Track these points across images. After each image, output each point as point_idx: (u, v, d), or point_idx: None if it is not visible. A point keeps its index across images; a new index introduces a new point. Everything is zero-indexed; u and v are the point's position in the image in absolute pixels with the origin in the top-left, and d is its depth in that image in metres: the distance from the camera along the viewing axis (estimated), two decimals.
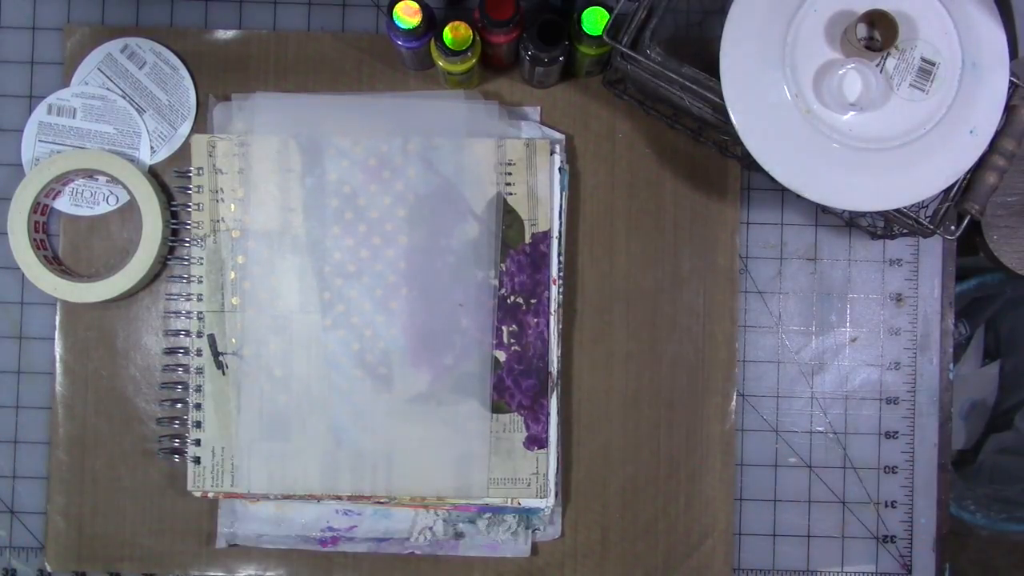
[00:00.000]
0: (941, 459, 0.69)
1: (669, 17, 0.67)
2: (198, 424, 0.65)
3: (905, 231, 0.63)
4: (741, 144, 0.53)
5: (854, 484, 0.68)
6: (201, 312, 0.65)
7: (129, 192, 0.65)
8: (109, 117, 0.67)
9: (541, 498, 0.65)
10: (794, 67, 0.52)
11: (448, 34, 0.59)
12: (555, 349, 0.65)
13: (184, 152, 0.67)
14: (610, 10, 0.59)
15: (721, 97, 0.53)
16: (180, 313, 0.67)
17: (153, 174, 0.67)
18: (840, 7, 0.52)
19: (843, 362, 0.69)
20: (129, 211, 0.67)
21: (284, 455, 0.65)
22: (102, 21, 0.68)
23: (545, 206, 0.66)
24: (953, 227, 0.57)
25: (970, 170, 0.55)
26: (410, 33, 0.59)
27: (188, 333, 0.66)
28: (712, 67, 0.54)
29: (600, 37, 0.58)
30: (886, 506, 0.68)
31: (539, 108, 0.67)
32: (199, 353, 0.65)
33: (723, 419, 0.67)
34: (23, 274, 0.64)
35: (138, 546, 0.66)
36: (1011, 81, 0.53)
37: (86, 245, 0.67)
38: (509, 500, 0.65)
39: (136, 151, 0.67)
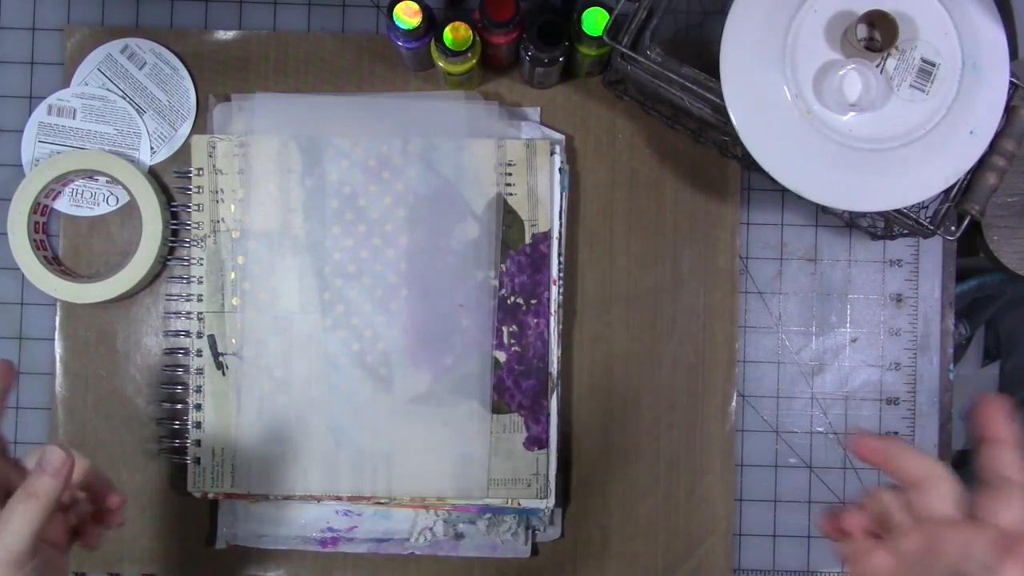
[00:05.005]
0: (941, 460, 0.69)
1: (669, 17, 0.67)
2: (198, 424, 0.65)
3: (905, 231, 0.63)
4: (741, 144, 0.53)
5: (854, 484, 0.68)
6: (201, 313, 0.65)
7: (129, 192, 0.65)
8: (109, 118, 0.67)
9: (541, 498, 0.65)
10: (794, 67, 0.52)
11: (448, 35, 0.59)
12: (555, 349, 0.65)
13: (184, 152, 0.67)
14: (610, 10, 0.58)
15: (721, 97, 0.53)
16: (180, 314, 0.67)
17: (153, 174, 0.67)
18: (840, 7, 0.52)
19: (843, 363, 0.69)
20: (129, 211, 0.67)
21: (284, 455, 0.65)
22: (102, 22, 0.68)
23: (545, 206, 0.65)
24: (953, 227, 0.57)
25: (970, 171, 0.55)
26: (410, 34, 0.59)
27: (188, 334, 0.66)
28: (712, 67, 0.53)
29: (600, 37, 0.59)
30: None
31: (539, 108, 0.67)
32: (199, 354, 0.65)
33: (723, 419, 0.67)
34: (23, 274, 0.64)
35: (138, 546, 0.66)
36: (1011, 82, 0.53)
37: (86, 245, 0.67)
38: (509, 501, 0.65)
39: (136, 151, 0.67)
